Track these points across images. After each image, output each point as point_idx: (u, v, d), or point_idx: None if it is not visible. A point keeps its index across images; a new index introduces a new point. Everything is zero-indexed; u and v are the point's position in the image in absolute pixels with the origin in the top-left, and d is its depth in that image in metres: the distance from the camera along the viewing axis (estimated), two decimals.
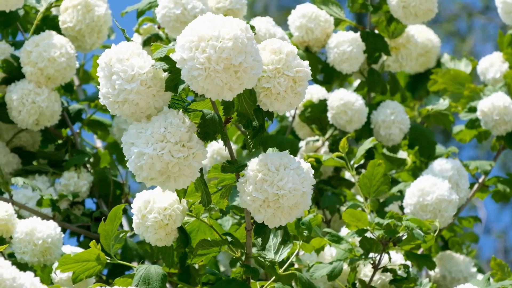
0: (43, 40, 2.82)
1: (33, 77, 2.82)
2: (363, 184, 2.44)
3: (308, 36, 3.07)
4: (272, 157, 1.90)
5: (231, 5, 2.91)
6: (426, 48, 3.43)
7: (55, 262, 2.43)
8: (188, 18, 2.80)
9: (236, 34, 1.75)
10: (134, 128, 1.86)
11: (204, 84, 1.75)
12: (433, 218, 2.68)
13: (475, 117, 3.03)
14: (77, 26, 2.92)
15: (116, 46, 1.88)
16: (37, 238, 2.41)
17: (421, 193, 2.71)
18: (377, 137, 3.04)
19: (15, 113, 2.84)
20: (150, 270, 2.11)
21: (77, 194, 2.83)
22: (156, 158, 1.82)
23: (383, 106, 3.05)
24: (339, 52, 3.00)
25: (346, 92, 3.00)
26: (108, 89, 1.86)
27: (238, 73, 1.76)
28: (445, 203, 2.69)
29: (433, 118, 3.19)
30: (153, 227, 2.11)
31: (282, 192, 1.86)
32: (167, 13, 2.81)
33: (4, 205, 2.44)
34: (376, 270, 2.43)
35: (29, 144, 3.04)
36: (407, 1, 2.94)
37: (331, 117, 3.01)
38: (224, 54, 1.73)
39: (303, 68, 1.92)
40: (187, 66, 1.75)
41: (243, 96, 1.85)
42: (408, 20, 2.96)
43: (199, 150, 1.85)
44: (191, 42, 1.75)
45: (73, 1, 2.93)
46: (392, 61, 3.14)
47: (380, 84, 3.10)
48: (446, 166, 2.83)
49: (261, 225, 1.95)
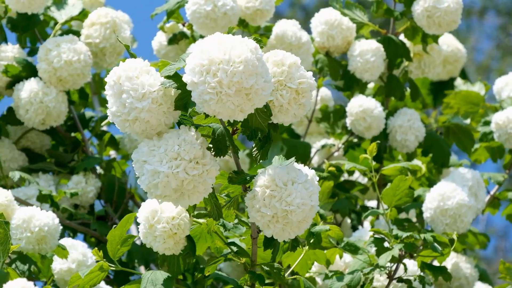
0: (65, 42, 2.86)
1: (45, 75, 2.86)
2: (385, 194, 2.48)
3: (329, 43, 3.09)
4: (280, 172, 1.92)
5: (261, 5, 2.93)
6: (455, 57, 3.46)
7: (49, 251, 2.47)
8: (218, 15, 2.84)
9: (247, 57, 1.76)
10: (145, 146, 1.87)
11: (216, 108, 1.77)
12: (453, 223, 2.73)
13: (489, 130, 3.07)
14: (101, 44, 2.98)
15: (123, 63, 1.88)
16: (34, 225, 2.43)
17: (441, 198, 2.75)
18: (393, 143, 3.08)
19: (22, 112, 2.88)
20: (156, 273, 2.15)
21: (76, 193, 2.83)
22: (171, 176, 1.84)
23: (400, 112, 3.09)
24: (362, 62, 3.03)
25: (365, 99, 3.03)
26: (118, 107, 1.87)
27: (249, 95, 1.78)
28: (465, 208, 2.73)
29: (453, 136, 3.20)
30: (161, 236, 2.13)
31: (291, 208, 1.89)
32: (198, 9, 2.84)
33: (3, 191, 2.47)
34: (391, 280, 2.46)
35: (36, 146, 3.08)
36: (432, 11, 2.96)
37: (350, 123, 3.05)
38: (236, 78, 1.75)
39: (307, 80, 1.92)
40: (198, 90, 1.77)
41: (257, 111, 1.87)
42: (431, 29, 2.99)
43: (213, 166, 1.88)
44: (201, 66, 1.77)
45: (102, 19, 2.98)
46: (414, 67, 3.17)
47: (398, 90, 3.12)
48: (467, 176, 2.87)
49: (271, 238, 1.98)
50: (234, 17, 2.87)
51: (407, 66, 3.19)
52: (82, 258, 2.62)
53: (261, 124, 1.89)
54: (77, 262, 2.61)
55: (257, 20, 2.96)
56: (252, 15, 2.94)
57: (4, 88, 2.93)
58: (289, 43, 2.97)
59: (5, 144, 2.96)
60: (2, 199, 2.44)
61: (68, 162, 3.04)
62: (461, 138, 3.22)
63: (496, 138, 3.04)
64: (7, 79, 2.92)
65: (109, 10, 3.00)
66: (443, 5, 2.94)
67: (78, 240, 2.67)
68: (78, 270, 2.55)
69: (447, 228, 2.76)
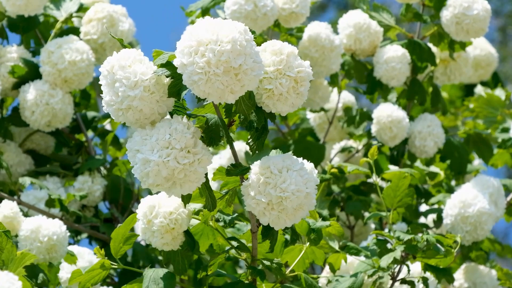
0: (66, 43, 2.88)
1: (50, 78, 2.88)
2: (386, 195, 2.47)
3: (355, 46, 3.11)
4: (275, 160, 1.92)
5: (297, 8, 2.94)
6: (488, 61, 3.50)
7: (60, 259, 2.48)
8: (258, 15, 2.85)
9: (235, 36, 1.77)
10: (138, 135, 1.88)
11: (205, 88, 1.77)
12: (473, 231, 2.72)
13: (507, 137, 3.07)
14: (100, 39, 2.99)
15: (117, 53, 1.88)
16: (42, 235, 2.43)
17: (462, 205, 2.73)
18: (411, 148, 3.08)
19: (28, 113, 2.89)
20: (158, 271, 2.15)
21: (85, 196, 2.81)
22: (162, 165, 1.84)
23: (421, 118, 3.09)
24: (388, 69, 3.03)
25: (394, 108, 3.02)
26: (112, 96, 1.88)
27: (238, 75, 1.78)
28: (486, 216, 2.72)
29: (473, 144, 3.20)
30: (159, 231, 2.13)
31: (285, 194, 1.88)
32: (238, 9, 2.85)
33: (9, 203, 2.48)
34: (394, 282, 2.45)
35: (41, 148, 3.09)
36: (461, 17, 2.96)
37: (375, 131, 3.04)
38: (223, 57, 1.76)
39: (304, 69, 1.93)
40: (188, 71, 1.78)
41: (241, 98, 1.88)
42: (458, 36, 2.99)
43: (204, 155, 1.87)
44: (190, 47, 1.78)
45: (98, 14, 2.99)
46: (440, 73, 3.18)
47: (420, 94, 3.11)
48: (489, 183, 2.85)
49: (268, 227, 1.97)
50: (273, 18, 2.89)
51: (432, 72, 3.18)
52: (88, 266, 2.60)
53: (244, 111, 1.89)
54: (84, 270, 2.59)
55: (291, 23, 2.98)
56: (287, 17, 2.96)
57: (10, 89, 2.95)
58: (322, 45, 2.97)
59: (11, 148, 2.98)
60: (7, 211, 2.45)
61: (73, 164, 3.06)
62: (480, 147, 3.21)
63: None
64: (13, 80, 2.93)
65: (105, 5, 3.00)
66: (472, 12, 2.94)
67: (84, 248, 2.65)
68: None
69: (467, 235, 2.73)
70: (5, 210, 2.45)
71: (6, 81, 2.93)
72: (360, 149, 3.25)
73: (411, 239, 2.36)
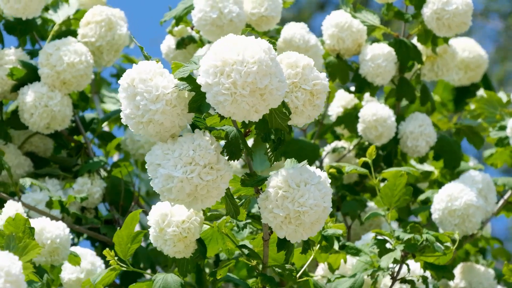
0: (65, 45, 2.87)
1: (48, 80, 2.86)
2: (384, 194, 2.48)
3: (339, 45, 3.10)
4: (293, 173, 1.93)
5: (267, 12, 2.95)
6: (477, 63, 3.49)
7: (62, 262, 2.48)
8: (224, 22, 2.85)
9: (260, 57, 1.77)
10: (159, 149, 1.88)
11: (231, 109, 1.78)
12: (461, 223, 2.73)
13: (504, 136, 3.08)
14: (98, 42, 2.97)
15: (137, 65, 1.89)
16: (45, 238, 2.44)
17: (449, 198, 2.76)
18: (403, 148, 3.10)
19: (27, 116, 2.88)
20: (167, 279, 2.17)
21: (86, 197, 2.81)
22: (185, 181, 1.85)
23: (411, 117, 3.11)
24: (374, 66, 3.04)
25: (379, 107, 3.04)
26: (132, 109, 1.88)
27: (264, 95, 1.79)
28: (473, 208, 2.74)
29: (464, 134, 3.21)
30: (171, 240, 2.14)
31: (303, 209, 1.90)
32: (203, 17, 2.86)
33: (14, 204, 2.47)
34: (395, 281, 2.47)
35: (40, 150, 3.08)
36: (441, 13, 2.98)
37: (361, 130, 3.06)
38: (250, 79, 1.76)
39: (321, 81, 1.94)
40: (213, 91, 1.78)
41: (274, 111, 1.88)
42: (441, 32, 3.01)
43: (227, 171, 1.89)
44: (215, 67, 1.78)
45: (97, 17, 2.97)
46: (427, 70, 3.19)
47: (409, 93, 3.14)
48: (477, 178, 2.89)
49: (284, 240, 1.98)
50: (241, 24, 2.88)
51: (419, 69, 3.20)
52: (90, 267, 2.63)
53: (281, 124, 1.90)
54: (86, 271, 2.62)
55: (263, 27, 2.98)
56: (258, 21, 2.97)
57: (9, 91, 2.94)
58: (297, 46, 2.97)
59: (10, 150, 2.97)
60: (12, 212, 2.43)
61: (73, 166, 3.06)
62: (470, 136, 3.26)
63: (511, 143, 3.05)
64: (12, 82, 2.92)
65: (104, 8, 2.99)
66: (452, 7, 2.96)
67: (87, 249, 2.65)
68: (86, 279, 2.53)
69: (456, 229, 2.77)
70: (10, 211, 2.45)
71: (5, 83, 2.91)
72: (351, 149, 3.26)
73: (410, 238, 2.39)
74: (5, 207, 2.44)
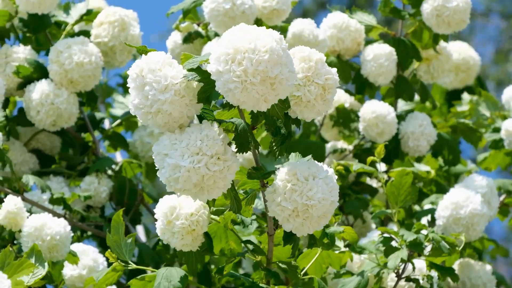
0: (76, 44, 2.87)
1: (56, 77, 2.87)
2: (390, 193, 2.47)
3: (339, 46, 3.12)
4: (301, 167, 1.93)
5: (278, 5, 2.95)
6: (468, 65, 3.48)
7: (61, 259, 2.46)
8: (236, 13, 2.86)
9: (272, 46, 1.77)
10: (167, 139, 1.88)
11: (241, 97, 1.78)
12: (465, 232, 2.73)
13: (499, 138, 3.09)
14: (111, 42, 2.98)
15: (146, 56, 1.87)
16: (45, 234, 2.42)
17: (454, 206, 2.74)
18: (404, 148, 3.09)
19: (33, 113, 2.88)
20: (171, 270, 2.16)
21: (89, 196, 2.80)
22: (192, 171, 1.84)
23: (412, 117, 3.10)
24: (376, 66, 3.04)
25: (378, 104, 3.03)
26: (141, 99, 1.87)
27: (274, 85, 1.79)
28: (478, 217, 2.73)
29: (461, 132, 3.21)
30: (180, 233, 2.14)
31: (311, 202, 1.89)
32: (216, 7, 2.86)
33: (13, 198, 2.46)
34: (400, 279, 2.45)
35: (46, 148, 3.08)
36: (441, 10, 2.98)
37: (363, 129, 3.05)
38: (261, 67, 1.76)
39: (332, 76, 1.94)
40: (223, 78, 1.78)
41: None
42: (440, 28, 3.01)
43: (234, 162, 1.89)
44: (227, 54, 1.78)
45: (110, 17, 2.99)
46: (423, 72, 3.19)
47: (408, 91, 3.14)
48: (482, 183, 2.87)
49: (290, 234, 1.98)
50: (252, 16, 2.90)
51: (416, 69, 3.21)
52: (93, 264, 2.62)
53: (277, 113, 1.89)
54: (88, 268, 2.60)
55: (273, 20, 2.99)
56: (269, 15, 2.97)
57: (15, 89, 2.94)
58: (307, 41, 2.98)
59: (16, 147, 2.97)
60: (11, 207, 2.44)
61: (78, 165, 3.05)
62: (467, 134, 3.26)
63: (506, 145, 3.05)
64: (18, 80, 2.92)
65: (117, 9, 3.00)
66: (452, 4, 2.97)
67: (89, 246, 2.63)
68: (88, 276, 2.55)
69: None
70: (9, 206, 2.44)
71: (11, 81, 2.91)
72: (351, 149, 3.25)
73: (416, 238, 2.38)
74: (5, 201, 2.44)
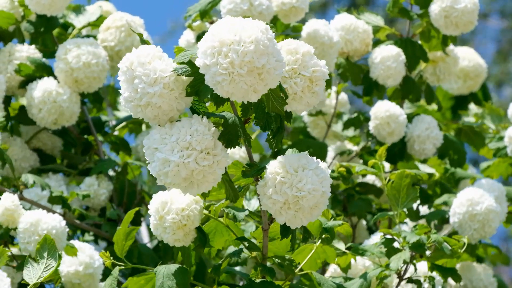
0: (86, 44, 2.90)
1: (61, 74, 2.89)
2: (391, 195, 2.48)
3: (347, 47, 3.13)
4: (291, 159, 1.93)
5: (297, 3, 2.96)
6: (476, 72, 3.48)
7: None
8: (253, 13, 2.88)
9: (257, 36, 1.78)
10: (157, 133, 1.89)
11: (229, 89, 1.79)
12: (481, 228, 2.75)
13: (502, 146, 3.09)
14: (117, 47, 3.02)
15: (136, 50, 1.88)
16: (41, 229, 2.43)
17: (470, 203, 2.75)
18: (410, 150, 3.11)
19: (35, 111, 2.89)
20: (170, 267, 2.15)
21: (88, 195, 2.81)
22: (182, 166, 1.85)
23: (418, 120, 3.11)
24: (384, 68, 3.05)
25: (391, 104, 3.03)
26: (131, 92, 1.89)
27: (261, 75, 1.79)
28: (494, 214, 2.75)
29: (465, 136, 3.24)
30: (171, 228, 2.14)
31: (301, 194, 1.90)
32: (234, 8, 2.87)
33: (10, 195, 2.48)
34: (401, 281, 2.47)
35: (48, 147, 3.10)
36: (449, 11, 2.99)
37: (374, 127, 3.04)
38: (247, 58, 1.77)
39: (320, 68, 1.94)
40: (211, 71, 1.79)
41: (272, 96, 1.88)
42: (448, 30, 3.03)
43: (223, 157, 1.89)
44: (213, 48, 1.79)
45: (117, 22, 3.02)
46: (430, 74, 3.21)
47: (414, 92, 3.14)
48: (494, 186, 2.89)
49: (286, 227, 1.99)
50: (269, 16, 2.91)
51: (422, 71, 3.21)
52: (89, 260, 2.62)
53: (277, 108, 1.90)
54: (84, 264, 2.60)
55: (290, 17, 3.00)
56: (287, 12, 2.98)
57: (17, 87, 2.95)
58: (322, 42, 2.97)
59: (17, 143, 2.98)
60: (9, 204, 2.46)
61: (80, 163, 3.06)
62: (471, 137, 3.26)
63: (509, 152, 3.03)
64: (20, 78, 2.94)
65: (124, 14, 3.05)
66: (460, 5, 2.98)
67: (85, 243, 2.63)
68: (85, 272, 2.56)
69: (474, 233, 2.75)
70: (6, 203, 2.46)
71: (13, 79, 2.93)
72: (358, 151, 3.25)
73: (418, 239, 2.37)
74: (1, 198, 2.46)
